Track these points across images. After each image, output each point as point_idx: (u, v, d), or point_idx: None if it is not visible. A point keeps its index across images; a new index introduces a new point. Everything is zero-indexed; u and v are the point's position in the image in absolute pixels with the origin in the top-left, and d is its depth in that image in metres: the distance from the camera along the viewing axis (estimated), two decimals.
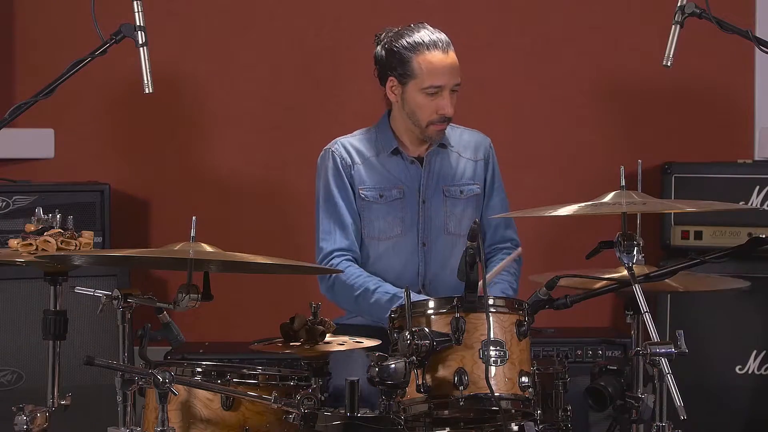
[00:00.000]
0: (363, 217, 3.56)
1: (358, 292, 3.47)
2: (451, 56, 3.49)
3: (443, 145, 3.62)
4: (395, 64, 3.50)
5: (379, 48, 3.55)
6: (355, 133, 3.66)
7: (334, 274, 3.50)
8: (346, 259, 3.52)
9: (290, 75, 4.62)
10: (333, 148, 3.60)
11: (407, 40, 3.49)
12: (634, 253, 2.77)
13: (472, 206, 3.61)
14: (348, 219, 3.54)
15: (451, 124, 3.61)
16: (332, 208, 3.55)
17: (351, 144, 3.61)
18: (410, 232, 3.58)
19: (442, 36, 3.51)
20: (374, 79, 3.63)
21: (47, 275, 2.90)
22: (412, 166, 3.60)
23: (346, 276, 3.49)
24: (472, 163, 3.67)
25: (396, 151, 3.59)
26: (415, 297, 2.95)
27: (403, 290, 3.38)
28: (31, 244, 2.86)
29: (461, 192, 3.62)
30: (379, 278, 3.52)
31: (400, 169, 3.59)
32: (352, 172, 3.57)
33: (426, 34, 3.50)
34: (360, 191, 3.56)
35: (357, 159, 3.58)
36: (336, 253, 3.53)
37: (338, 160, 3.57)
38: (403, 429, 2.74)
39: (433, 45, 3.47)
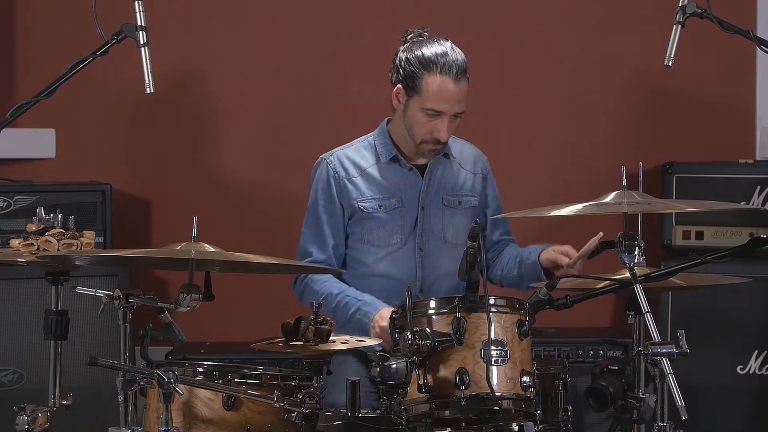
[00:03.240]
0: (363, 226, 3.55)
1: (322, 297, 3.45)
2: (461, 85, 3.43)
3: (446, 155, 3.62)
4: (406, 74, 3.47)
5: (401, 49, 3.52)
6: (351, 143, 3.64)
7: (304, 281, 3.50)
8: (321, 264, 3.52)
9: (291, 75, 4.62)
10: (328, 160, 3.59)
11: (424, 52, 3.44)
12: (636, 252, 2.77)
13: (470, 217, 3.59)
14: (328, 234, 3.53)
15: (452, 136, 3.60)
16: (315, 221, 3.55)
17: (347, 156, 3.59)
18: (409, 239, 3.57)
19: (460, 60, 3.43)
20: (374, 80, 3.63)
21: (48, 275, 2.90)
22: (410, 173, 3.59)
23: (313, 282, 3.49)
24: (472, 175, 3.67)
25: (395, 159, 3.59)
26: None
27: (363, 298, 3.39)
28: (32, 244, 2.86)
29: (460, 202, 3.62)
30: (346, 285, 3.52)
31: (398, 177, 3.58)
32: (348, 186, 3.55)
33: (444, 54, 3.42)
34: (359, 203, 3.54)
35: (353, 172, 3.57)
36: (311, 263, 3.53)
37: (331, 172, 3.56)
38: (405, 429, 2.74)
39: (447, 70, 3.41)
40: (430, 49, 3.45)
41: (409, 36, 3.53)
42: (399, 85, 3.49)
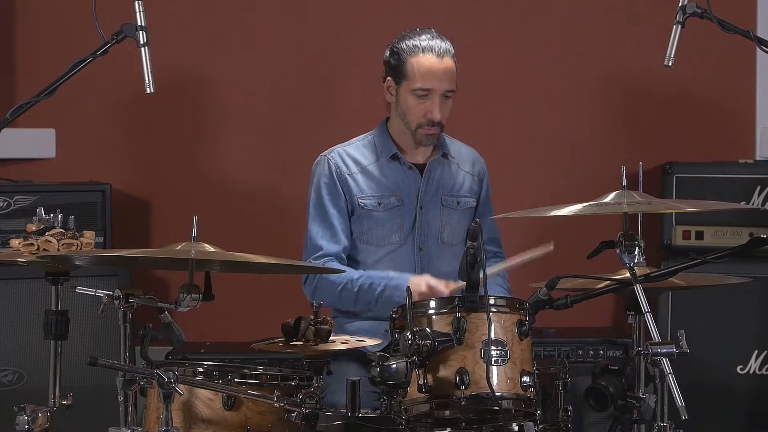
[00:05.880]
0: (362, 225, 3.56)
1: (341, 285, 3.46)
2: (446, 62, 3.49)
3: (445, 155, 3.63)
4: (393, 65, 3.52)
5: (387, 49, 3.57)
6: (351, 141, 3.66)
7: (317, 276, 3.50)
8: (331, 261, 3.51)
9: (291, 75, 4.62)
10: (329, 156, 3.60)
11: (408, 42, 3.51)
12: (636, 252, 2.77)
13: (467, 218, 3.61)
14: (338, 227, 3.53)
15: (449, 137, 3.63)
16: (323, 215, 3.55)
17: (347, 153, 3.61)
18: (408, 238, 3.58)
19: (443, 43, 3.51)
20: (375, 80, 3.65)
21: (48, 275, 2.90)
22: (410, 172, 3.59)
23: (330, 279, 3.49)
24: (470, 176, 3.68)
25: (395, 157, 3.59)
26: None
27: (387, 274, 3.39)
28: (32, 244, 2.86)
29: (458, 203, 3.62)
30: (363, 270, 3.52)
31: (398, 175, 3.59)
32: (349, 181, 3.56)
33: (426, 38, 3.51)
34: (359, 200, 3.55)
35: (354, 168, 3.58)
36: (323, 258, 3.52)
37: (333, 167, 3.57)
38: (405, 429, 2.74)
39: (429, 49, 3.48)
40: (413, 38, 3.53)
41: (395, 39, 3.58)
42: (388, 78, 3.54)
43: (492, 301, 2.76)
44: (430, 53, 3.48)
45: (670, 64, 3.12)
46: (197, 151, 4.63)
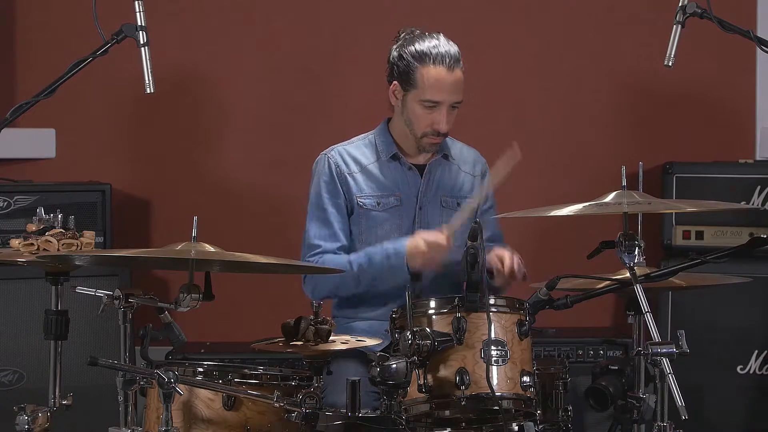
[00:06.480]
0: (361, 225, 3.55)
1: (346, 269, 3.42)
2: (456, 74, 3.46)
3: (445, 156, 3.62)
4: (401, 70, 3.49)
5: (393, 48, 3.54)
6: (352, 140, 3.65)
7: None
8: (327, 255, 3.50)
9: (292, 75, 4.62)
10: (329, 155, 3.60)
11: (417, 47, 3.47)
12: (636, 252, 2.77)
13: (467, 219, 3.60)
14: (336, 226, 3.52)
15: (451, 138, 3.62)
16: (321, 214, 3.54)
17: (347, 152, 3.60)
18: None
19: (453, 50, 3.47)
20: (375, 79, 3.64)
21: (48, 275, 2.90)
22: (410, 172, 3.59)
23: (325, 264, 3.46)
24: (471, 177, 3.67)
25: (395, 157, 3.59)
26: None
27: (382, 246, 3.36)
28: (32, 244, 2.86)
29: (458, 204, 3.61)
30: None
31: (397, 176, 3.58)
32: (348, 180, 3.55)
33: (436, 45, 3.46)
34: (358, 199, 3.55)
35: (354, 168, 3.57)
36: (319, 256, 3.51)
37: (333, 167, 3.57)
38: (405, 429, 2.74)
39: (440, 59, 3.44)
40: (422, 44, 3.48)
41: (401, 35, 3.55)
42: (395, 82, 3.51)
43: (492, 301, 2.76)
44: (440, 65, 3.44)
45: (670, 64, 3.12)
46: (197, 151, 4.63)
